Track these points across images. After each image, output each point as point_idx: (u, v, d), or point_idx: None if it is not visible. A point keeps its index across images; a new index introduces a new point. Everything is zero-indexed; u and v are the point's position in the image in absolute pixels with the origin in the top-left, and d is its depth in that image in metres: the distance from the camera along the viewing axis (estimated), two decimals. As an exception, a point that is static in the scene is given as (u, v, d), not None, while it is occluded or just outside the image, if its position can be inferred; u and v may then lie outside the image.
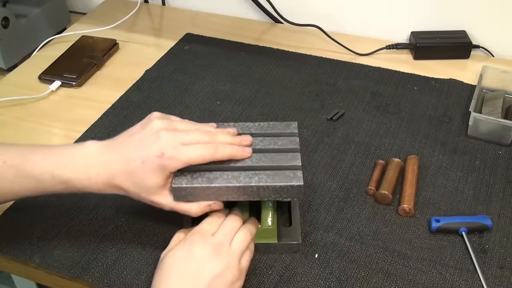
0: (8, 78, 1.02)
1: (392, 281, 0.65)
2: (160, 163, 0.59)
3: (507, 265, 0.66)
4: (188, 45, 1.08)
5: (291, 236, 0.68)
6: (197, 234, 0.61)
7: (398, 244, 0.69)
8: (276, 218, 0.69)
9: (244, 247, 0.62)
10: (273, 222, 0.69)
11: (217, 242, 0.60)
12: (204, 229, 0.62)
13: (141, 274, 0.66)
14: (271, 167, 0.63)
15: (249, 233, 0.63)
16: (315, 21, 1.11)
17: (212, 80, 0.99)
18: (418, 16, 1.06)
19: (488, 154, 0.82)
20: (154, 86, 0.97)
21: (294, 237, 0.68)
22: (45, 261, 0.68)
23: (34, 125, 0.90)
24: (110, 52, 1.06)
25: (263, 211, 0.69)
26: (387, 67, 1.00)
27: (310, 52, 1.05)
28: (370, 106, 0.91)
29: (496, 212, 0.73)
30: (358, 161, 0.81)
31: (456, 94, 0.93)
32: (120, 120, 0.89)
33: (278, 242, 0.67)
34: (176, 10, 1.22)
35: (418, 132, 0.86)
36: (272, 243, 0.67)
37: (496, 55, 1.04)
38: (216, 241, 0.60)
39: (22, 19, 1.09)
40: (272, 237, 0.67)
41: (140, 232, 0.71)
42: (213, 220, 0.63)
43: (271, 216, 0.69)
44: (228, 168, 0.63)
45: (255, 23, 1.16)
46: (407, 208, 0.72)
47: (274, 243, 0.67)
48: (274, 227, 0.68)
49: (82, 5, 1.30)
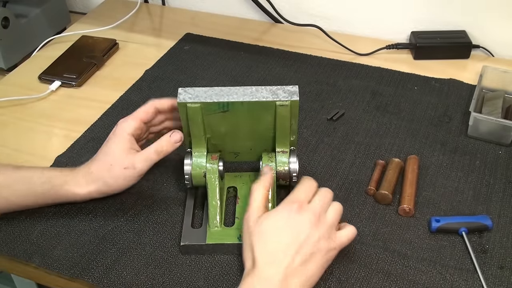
0: (8, 78, 1.02)
1: (392, 281, 0.65)
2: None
3: (507, 265, 0.66)
4: (188, 45, 1.08)
5: None
6: (295, 202, 0.62)
7: (398, 244, 0.69)
8: None
9: (338, 217, 0.64)
10: None
11: (314, 210, 0.62)
12: (301, 198, 0.63)
13: (141, 274, 0.66)
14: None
15: (341, 206, 0.65)
16: (315, 21, 1.11)
17: (212, 80, 0.99)
18: (418, 16, 1.06)
19: (488, 154, 0.82)
20: (154, 86, 0.97)
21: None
22: (45, 261, 0.68)
23: (34, 125, 0.90)
24: (110, 52, 1.06)
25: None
26: (387, 67, 1.00)
27: (310, 52, 1.05)
28: (370, 106, 0.91)
29: (496, 212, 0.73)
30: (358, 161, 0.81)
31: (456, 94, 0.93)
32: (120, 120, 0.89)
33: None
34: (176, 10, 1.22)
35: (418, 132, 0.86)
36: None
37: (496, 55, 1.04)
38: (313, 210, 0.62)
39: (22, 19, 1.09)
40: None
41: (140, 232, 0.71)
42: (306, 189, 0.64)
43: None
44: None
45: (255, 23, 1.16)
46: (407, 208, 0.72)
47: None
48: None
49: (82, 5, 1.30)
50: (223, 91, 0.67)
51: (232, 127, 0.69)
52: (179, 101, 0.66)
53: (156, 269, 0.66)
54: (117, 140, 0.69)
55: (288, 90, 0.66)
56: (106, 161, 0.68)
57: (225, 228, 0.69)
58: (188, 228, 0.70)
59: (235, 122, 0.68)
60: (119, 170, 0.68)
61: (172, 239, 0.70)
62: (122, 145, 0.68)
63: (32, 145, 0.86)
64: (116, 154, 0.68)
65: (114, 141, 0.69)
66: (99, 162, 0.69)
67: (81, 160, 0.81)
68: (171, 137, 0.68)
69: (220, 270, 0.66)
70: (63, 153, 0.83)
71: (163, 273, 0.66)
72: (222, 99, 0.66)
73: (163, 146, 0.68)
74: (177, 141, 0.69)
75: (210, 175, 0.70)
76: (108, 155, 0.69)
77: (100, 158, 0.69)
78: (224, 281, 0.65)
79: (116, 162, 0.68)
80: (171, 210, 0.74)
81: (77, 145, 0.85)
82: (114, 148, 0.68)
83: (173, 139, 0.69)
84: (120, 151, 0.68)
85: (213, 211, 0.69)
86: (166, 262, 0.67)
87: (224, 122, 0.68)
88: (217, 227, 0.69)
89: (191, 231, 0.69)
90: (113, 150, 0.68)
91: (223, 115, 0.67)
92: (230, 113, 0.67)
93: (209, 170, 0.70)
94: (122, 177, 0.68)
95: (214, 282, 0.65)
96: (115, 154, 0.68)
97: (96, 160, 0.70)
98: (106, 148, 0.69)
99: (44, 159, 0.82)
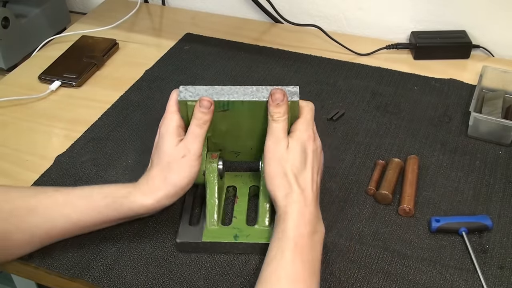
0: (8, 78, 1.02)
1: (392, 281, 0.65)
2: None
3: (507, 265, 0.66)
4: (188, 45, 1.08)
5: None
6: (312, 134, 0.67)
7: (398, 244, 0.69)
8: (274, 218, 0.69)
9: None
10: (270, 222, 0.69)
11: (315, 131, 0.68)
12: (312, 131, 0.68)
13: (141, 274, 0.66)
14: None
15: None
16: (315, 21, 1.11)
17: (212, 80, 0.99)
18: (418, 16, 1.06)
19: (488, 154, 0.81)
20: (154, 86, 0.97)
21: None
22: (45, 261, 0.68)
23: (34, 125, 0.90)
24: (110, 52, 1.06)
25: (260, 211, 0.69)
26: (387, 67, 1.00)
27: (310, 52, 1.05)
28: (370, 106, 0.91)
29: (496, 212, 0.73)
30: (358, 161, 0.81)
31: (456, 94, 0.93)
32: (120, 120, 0.89)
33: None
34: (176, 10, 1.22)
35: (418, 132, 0.86)
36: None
37: (496, 55, 1.04)
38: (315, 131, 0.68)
39: (22, 19, 1.09)
40: (269, 237, 0.67)
41: (140, 232, 0.71)
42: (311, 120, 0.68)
43: (269, 217, 0.69)
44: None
45: (255, 23, 1.16)
46: (407, 208, 0.72)
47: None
48: (272, 227, 0.68)
49: (82, 5, 1.30)
50: (223, 90, 0.67)
51: (232, 126, 0.69)
52: (180, 99, 0.66)
53: (156, 269, 0.66)
54: (165, 139, 0.66)
55: (289, 90, 0.66)
56: (163, 162, 0.66)
57: (222, 227, 0.69)
58: (185, 226, 0.70)
59: (236, 122, 0.68)
60: (178, 162, 0.65)
61: (172, 239, 0.70)
62: (171, 140, 0.66)
63: (32, 145, 0.86)
64: (169, 151, 0.65)
65: (162, 142, 0.66)
66: (156, 167, 0.66)
67: (81, 160, 0.82)
68: (201, 106, 0.66)
69: (219, 270, 0.66)
70: (63, 153, 0.83)
71: (163, 273, 0.66)
72: (223, 98, 0.66)
73: (199, 117, 0.66)
74: (207, 106, 0.66)
75: (209, 173, 0.70)
76: (162, 156, 0.66)
77: (156, 162, 0.66)
78: (224, 281, 0.65)
79: (172, 157, 0.65)
80: (171, 210, 0.74)
81: (77, 145, 0.85)
82: (165, 147, 0.66)
83: (203, 105, 0.66)
84: (171, 146, 0.66)
85: (211, 209, 0.69)
86: (166, 262, 0.67)
87: (225, 121, 0.68)
88: (214, 226, 0.69)
89: (188, 229, 0.69)
90: (165, 149, 0.66)
91: (224, 114, 0.67)
92: (230, 112, 0.67)
93: (208, 169, 0.70)
94: (183, 167, 0.65)
95: (213, 282, 0.65)
96: (168, 151, 0.66)
97: (152, 167, 0.67)
98: (158, 152, 0.67)
99: (44, 159, 0.82)
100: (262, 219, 0.69)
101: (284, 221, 0.61)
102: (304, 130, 0.66)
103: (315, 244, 0.61)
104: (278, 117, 0.65)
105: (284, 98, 0.65)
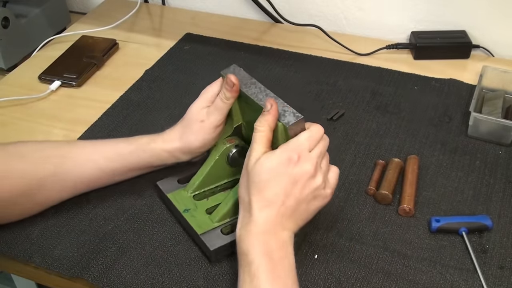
0: (8, 78, 1.02)
1: (392, 281, 0.65)
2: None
3: (507, 265, 0.66)
4: (188, 45, 1.08)
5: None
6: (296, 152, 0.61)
7: (398, 244, 0.69)
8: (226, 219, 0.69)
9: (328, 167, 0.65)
10: (219, 221, 0.69)
11: (313, 161, 0.62)
12: (303, 146, 0.62)
13: (141, 274, 0.66)
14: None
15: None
16: (315, 21, 1.11)
17: (212, 80, 0.97)
18: (418, 16, 1.06)
19: (488, 154, 0.81)
20: (154, 86, 0.97)
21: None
22: (45, 261, 0.68)
23: (34, 125, 0.90)
24: (110, 52, 1.06)
25: (220, 207, 0.69)
26: (387, 67, 1.00)
27: (310, 52, 1.05)
28: (370, 106, 0.91)
29: (496, 212, 0.73)
30: (358, 161, 0.81)
31: (456, 94, 0.93)
32: (120, 120, 0.89)
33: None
34: (176, 10, 1.22)
35: (418, 132, 0.86)
36: None
37: (496, 55, 1.04)
38: (312, 161, 0.62)
39: (22, 19, 1.09)
40: (207, 231, 0.67)
41: (140, 232, 0.71)
42: (311, 137, 0.64)
43: (220, 217, 0.69)
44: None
45: (255, 23, 1.16)
46: (407, 208, 0.72)
47: None
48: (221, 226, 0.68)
49: (82, 5, 1.30)
50: (262, 89, 0.68)
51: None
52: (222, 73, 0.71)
53: (156, 269, 0.66)
54: (198, 99, 0.72)
55: (290, 111, 0.65)
56: (186, 119, 0.72)
57: (191, 198, 0.72)
58: (173, 179, 0.74)
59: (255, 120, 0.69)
60: (197, 125, 0.71)
61: (172, 239, 0.70)
62: (200, 102, 0.72)
63: (32, 145, 0.86)
64: (194, 111, 0.72)
65: (195, 101, 0.72)
66: (182, 121, 0.73)
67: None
68: (227, 83, 0.69)
69: (219, 270, 0.66)
70: (63, 153, 0.83)
71: (163, 272, 0.66)
72: (246, 91, 0.68)
73: (223, 91, 0.70)
74: (231, 84, 0.68)
75: (214, 150, 0.72)
76: (189, 113, 0.72)
77: (183, 118, 0.73)
78: (223, 281, 0.65)
79: (194, 118, 0.71)
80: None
81: (77, 145, 0.85)
82: (193, 107, 0.72)
83: (227, 82, 0.69)
84: (198, 108, 0.72)
85: (195, 177, 0.72)
86: (166, 262, 0.67)
87: (254, 116, 0.67)
88: (187, 192, 0.72)
89: (171, 182, 0.74)
90: (192, 108, 0.72)
91: (250, 108, 0.68)
92: (251, 107, 0.68)
93: (216, 146, 0.72)
94: (199, 131, 0.71)
95: (213, 282, 0.65)
96: (193, 111, 0.72)
97: (179, 121, 0.74)
98: (189, 109, 0.73)
99: (44, 159, 0.82)
100: (216, 216, 0.69)
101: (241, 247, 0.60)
102: (284, 150, 0.62)
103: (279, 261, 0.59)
104: (257, 126, 0.64)
105: (271, 110, 0.64)
